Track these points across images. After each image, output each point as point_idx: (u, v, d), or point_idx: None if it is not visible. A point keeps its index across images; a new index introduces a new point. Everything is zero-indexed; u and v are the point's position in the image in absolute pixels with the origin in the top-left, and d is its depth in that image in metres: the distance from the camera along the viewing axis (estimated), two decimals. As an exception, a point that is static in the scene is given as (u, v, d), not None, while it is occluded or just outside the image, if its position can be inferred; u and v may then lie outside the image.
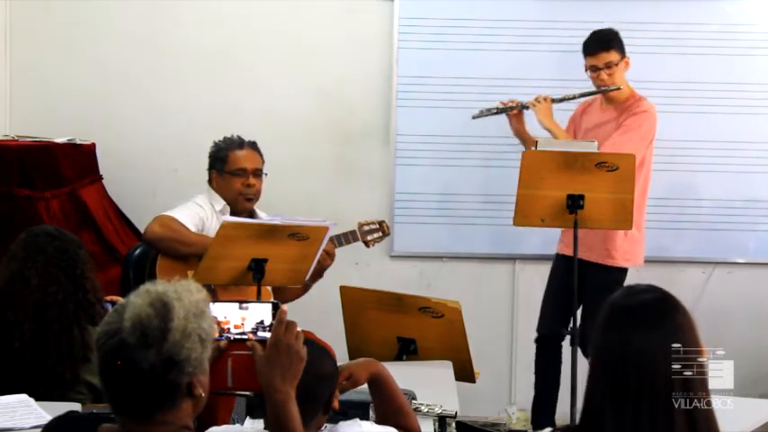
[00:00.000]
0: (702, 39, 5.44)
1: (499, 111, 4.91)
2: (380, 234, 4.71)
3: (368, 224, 4.68)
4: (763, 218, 5.54)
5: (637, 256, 4.86)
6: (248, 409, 2.61)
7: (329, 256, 4.41)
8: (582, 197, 4.35)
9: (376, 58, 5.53)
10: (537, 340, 5.02)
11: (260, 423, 2.52)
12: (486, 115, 4.92)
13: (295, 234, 4.05)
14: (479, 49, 5.45)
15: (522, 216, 4.45)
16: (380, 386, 2.78)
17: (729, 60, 5.46)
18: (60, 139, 5.17)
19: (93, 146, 5.30)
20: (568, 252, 4.68)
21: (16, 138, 5.24)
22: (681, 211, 5.51)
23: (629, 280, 4.75)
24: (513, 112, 4.89)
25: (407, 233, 5.56)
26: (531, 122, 4.92)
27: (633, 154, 4.44)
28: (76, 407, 3.05)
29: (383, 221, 4.74)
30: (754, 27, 5.49)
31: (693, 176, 5.51)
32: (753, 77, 5.47)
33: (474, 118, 4.95)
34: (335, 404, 2.65)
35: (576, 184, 4.35)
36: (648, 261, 4.96)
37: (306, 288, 4.46)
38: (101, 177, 5.30)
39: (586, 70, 4.83)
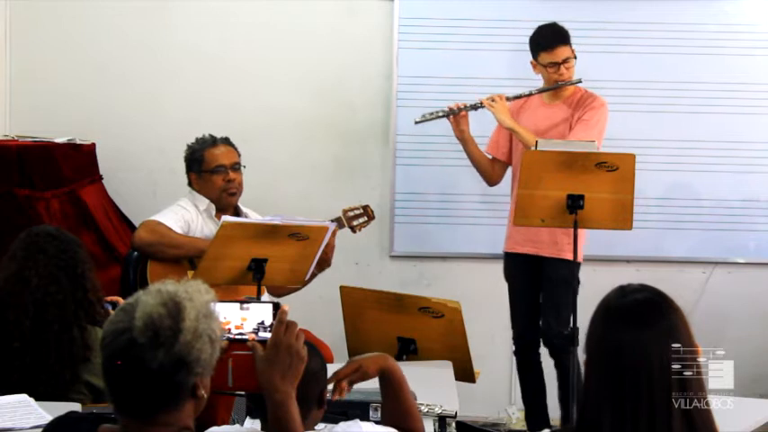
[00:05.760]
0: (702, 39, 5.43)
1: (446, 114, 4.79)
2: (366, 218, 4.71)
3: (352, 210, 4.69)
4: (762, 218, 5.54)
5: (580, 253, 4.64)
6: (248, 409, 2.61)
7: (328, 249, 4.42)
8: (582, 197, 4.34)
9: (376, 58, 5.53)
10: (516, 352, 4.94)
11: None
12: (430, 119, 4.79)
13: (295, 234, 4.06)
14: (479, 49, 5.46)
15: (522, 216, 4.45)
16: (391, 382, 2.70)
17: (729, 60, 5.46)
18: (60, 139, 5.17)
19: (93, 146, 5.29)
20: (521, 249, 4.72)
21: (16, 138, 5.24)
22: (681, 211, 5.50)
23: (630, 280, 4.73)
24: (461, 113, 4.79)
25: (407, 233, 5.56)
26: (481, 122, 4.83)
27: (633, 154, 4.43)
28: (76, 407, 3.05)
29: (367, 206, 4.74)
30: (754, 27, 5.48)
31: (693, 176, 5.51)
32: (752, 77, 5.47)
33: (417, 123, 4.86)
34: (338, 395, 2.64)
35: (575, 184, 4.34)
36: (649, 261, 4.97)
37: (304, 283, 4.46)
38: (101, 177, 5.29)
39: (545, 67, 4.70)
